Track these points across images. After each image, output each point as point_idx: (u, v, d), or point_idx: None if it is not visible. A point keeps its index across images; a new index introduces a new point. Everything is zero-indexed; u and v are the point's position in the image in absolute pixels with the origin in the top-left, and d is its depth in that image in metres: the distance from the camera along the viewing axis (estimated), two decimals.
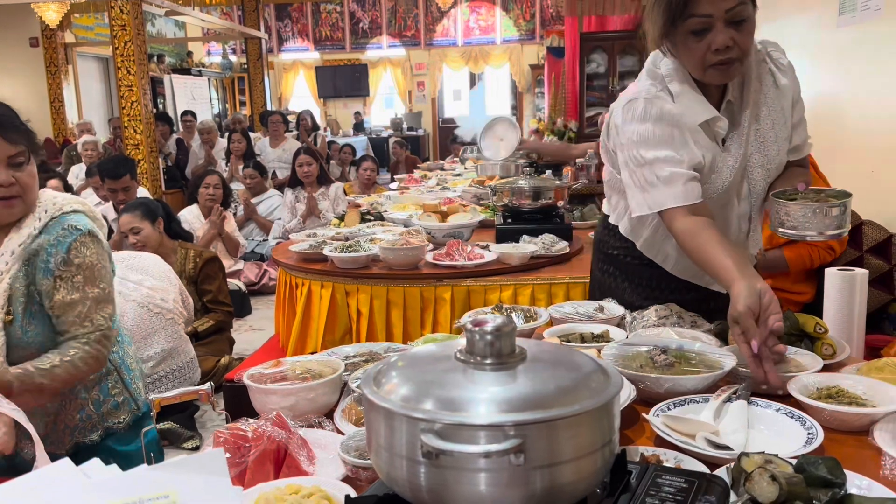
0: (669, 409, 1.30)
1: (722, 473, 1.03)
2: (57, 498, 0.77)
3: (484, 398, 0.80)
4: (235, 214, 6.20)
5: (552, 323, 1.89)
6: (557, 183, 3.36)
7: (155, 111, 8.21)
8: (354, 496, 0.94)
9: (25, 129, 1.75)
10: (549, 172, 4.06)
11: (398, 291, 2.81)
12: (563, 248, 2.97)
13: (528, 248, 2.92)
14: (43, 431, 1.84)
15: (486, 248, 2.96)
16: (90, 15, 11.40)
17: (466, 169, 6.40)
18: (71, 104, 10.92)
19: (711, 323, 1.76)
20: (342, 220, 3.95)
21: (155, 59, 12.43)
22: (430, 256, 2.89)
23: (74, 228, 1.78)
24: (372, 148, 12.30)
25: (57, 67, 10.55)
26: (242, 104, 14.81)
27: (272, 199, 6.62)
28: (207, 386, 1.53)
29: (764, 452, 1.01)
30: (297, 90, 16.11)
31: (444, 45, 15.31)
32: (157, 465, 0.84)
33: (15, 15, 10.23)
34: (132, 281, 3.24)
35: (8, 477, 0.96)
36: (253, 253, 6.13)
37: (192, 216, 5.45)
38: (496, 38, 15.08)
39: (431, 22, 15.22)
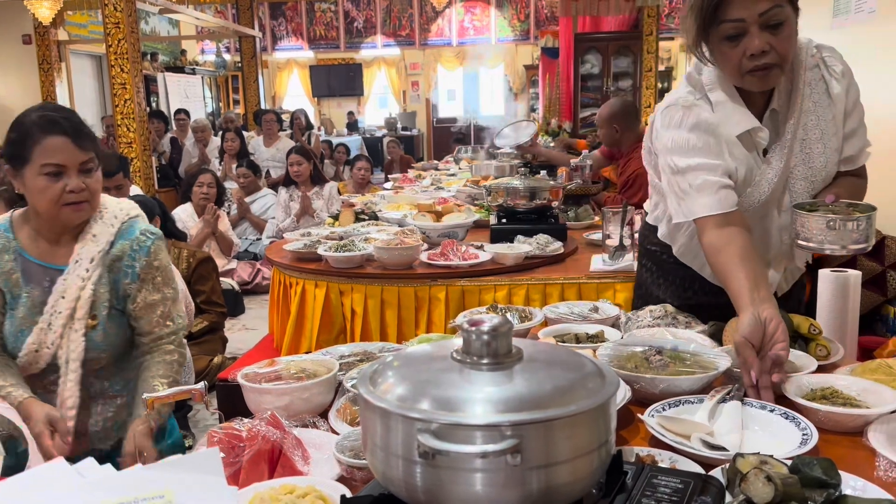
0: (664, 409, 1.31)
1: (717, 474, 1.04)
2: (52, 497, 0.76)
3: (480, 398, 0.80)
4: (229, 213, 6.18)
5: (547, 323, 1.89)
6: (552, 183, 3.36)
7: (148, 109, 8.17)
8: (350, 496, 0.94)
9: (93, 135, 1.78)
10: (543, 173, 4.05)
11: (392, 291, 2.81)
12: (557, 248, 2.97)
13: (522, 248, 2.92)
14: (97, 428, 1.87)
15: (480, 248, 2.96)
16: (83, 12, 11.33)
17: (461, 169, 6.40)
18: (64, 102, 10.85)
19: (706, 324, 1.76)
20: (336, 219, 3.94)
21: (148, 57, 12.37)
22: (424, 256, 2.88)
23: (151, 233, 1.86)
24: (366, 147, 12.29)
25: (50, 65, 10.48)
26: (236, 103, 14.75)
27: (266, 198, 6.60)
28: (201, 385, 1.52)
29: (759, 453, 1.02)
30: (291, 89, 16.06)
31: (438, 44, 15.29)
32: (151, 464, 0.83)
33: (7, 12, 10.17)
34: None
35: None
36: (246, 252, 6.12)
37: (185, 215, 5.43)
38: (491, 38, 15.07)
39: (426, 22, 15.20)
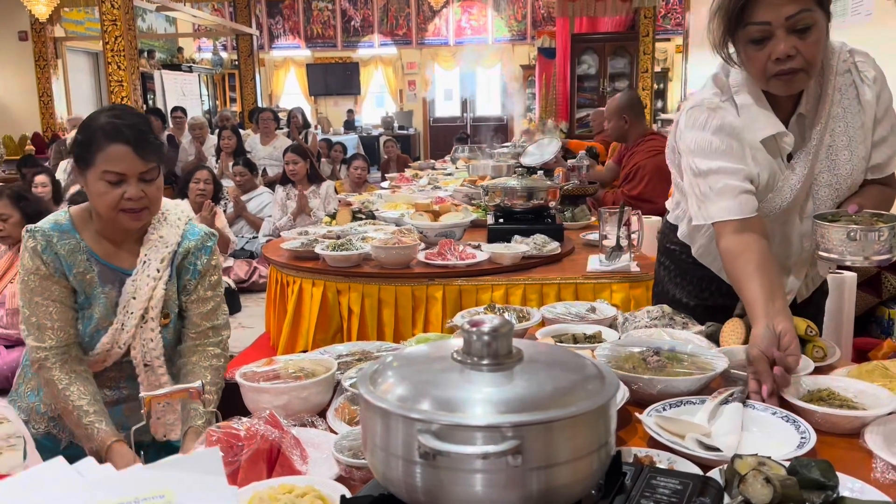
0: (665, 409, 1.31)
1: (715, 475, 1.04)
2: (52, 497, 0.76)
3: (481, 399, 0.80)
4: (225, 211, 6.16)
5: (544, 323, 1.89)
6: (549, 183, 3.36)
7: (145, 107, 8.15)
8: (349, 496, 0.94)
9: (158, 143, 1.78)
10: (540, 173, 4.06)
11: (390, 290, 2.81)
12: (554, 248, 2.98)
13: (519, 248, 2.93)
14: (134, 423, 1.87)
15: (477, 247, 2.96)
16: (80, 9, 11.30)
17: (458, 168, 6.40)
18: (60, 99, 10.82)
19: (704, 325, 1.76)
20: (333, 218, 3.94)
21: (145, 54, 12.35)
22: (421, 255, 2.88)
23: (211, 234, 1.93)
24: (362, 146, 12.28)
25: (46, 61, 10.45)
26: (233, 101, 14.72)
27: (262, 196, 6.59)
28: (198, 384, 1.52)
29: (757, 455, 1.02)
30: (287, 87, 16.05)
31: (435, 44, 15.29)
32: (152, 464, 0.83)
33: (4, 8, 10.14)
34: None
35: None
36: (243, 250, 6.10)
37: None
38: (488, 38, 15.07)
39: (423, 21, 15.20)
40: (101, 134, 1.70)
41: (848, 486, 1.02)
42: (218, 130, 8.30)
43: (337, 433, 1.30)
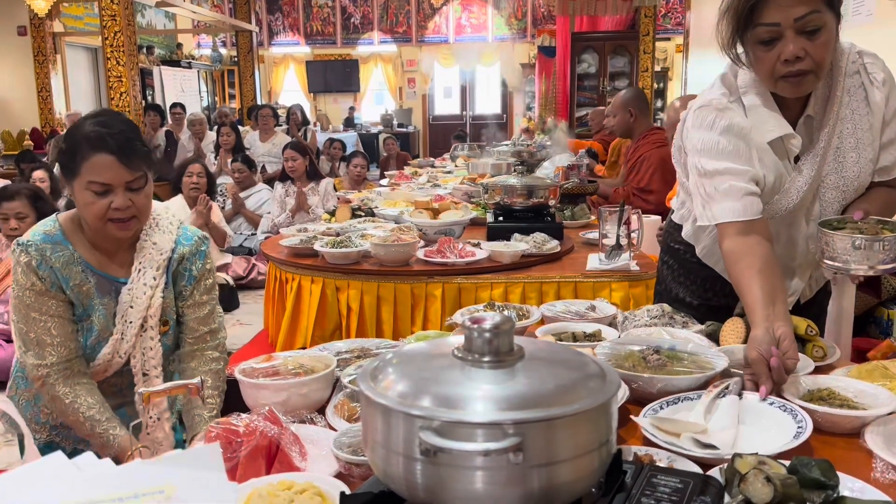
0: (662, 407, 1.31)
1: (715, 474, 1.04)
2: (50, 492, 0.75)
3: (482, 396, 0.80)
4: (223, 208, 6.16)
5: (544, 321, 1.89)
6: (549, 181, 3.36)
7: (144, 103, 8.13)
8: (349, 493, 0.94)
9: (146, 150, 1.74)
10: (540, 171, 4.06)
11: (389, 288, 2.80)
12: (554, 246, 2.97)
13: (519, 246, 2.92)
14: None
15: (477, 245, 2.96)
16: (79, 4, 11.29)
17: (457, 166, 6.40)
18: (59, 94, 10.80)
19: (703, 324, 1.76)
20: (333, 215, 3.93)
21: (144, 50, 12.32)
22: (421, 253, 2.88)
23: (204, 238, 1.92)
24: (362, 144, 12.26)
25: (45, 57, 10.43)
26: (232, 97, 14.71)
27: (261, 193, 6.58)
28: (197, 380, 1.52)
29: (758, 454, 1.02)
30: (287, 84, 16.02)
31: (435, 42, 15.27)
32: (150, 459, 0.83)
33: (3, 3, 10.12)
34: None
35: None
36: (241, 247, 6.09)
37: (177, 206, 5.39)
38: (488, 36, 15.06)
39: (423, 19, 15.18)
40: (85, 143, 1.65)
41: (848, 485, 1.02)
42: (217, 127, 8.28)
43: (336, 430, 1.30)
